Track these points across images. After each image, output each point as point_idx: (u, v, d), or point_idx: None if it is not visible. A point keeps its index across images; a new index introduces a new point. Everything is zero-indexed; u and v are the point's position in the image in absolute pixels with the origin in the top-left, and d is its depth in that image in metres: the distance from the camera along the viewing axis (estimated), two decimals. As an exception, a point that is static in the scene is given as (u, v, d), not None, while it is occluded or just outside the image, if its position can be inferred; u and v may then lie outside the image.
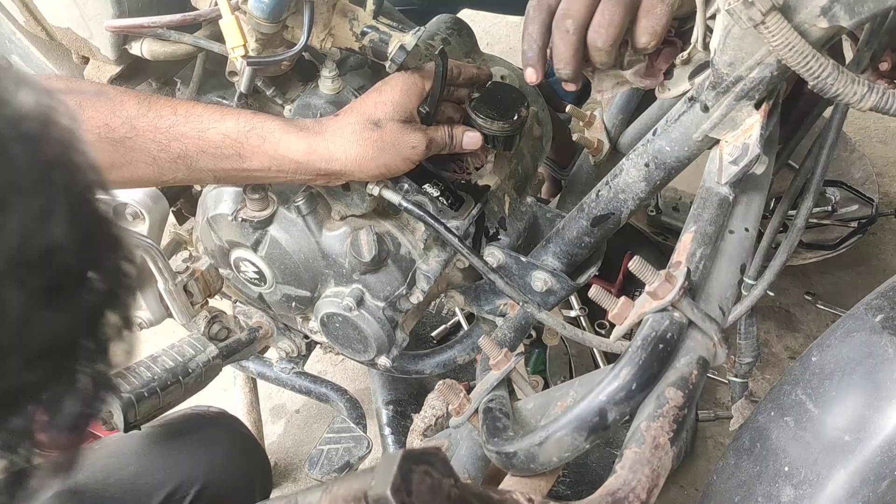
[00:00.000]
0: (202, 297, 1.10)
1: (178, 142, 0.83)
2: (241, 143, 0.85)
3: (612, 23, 0.80)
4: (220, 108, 0.86)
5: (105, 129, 0.80)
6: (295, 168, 0.87)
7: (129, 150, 0.82)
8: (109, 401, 0.97)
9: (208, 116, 0.84)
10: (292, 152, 0.86)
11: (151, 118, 0.82)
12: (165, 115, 0.83)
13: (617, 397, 0.66)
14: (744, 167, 0.76)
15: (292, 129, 0.86)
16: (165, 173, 0.85)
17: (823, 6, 0.67)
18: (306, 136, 0.86)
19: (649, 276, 0.68)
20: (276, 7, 0.84)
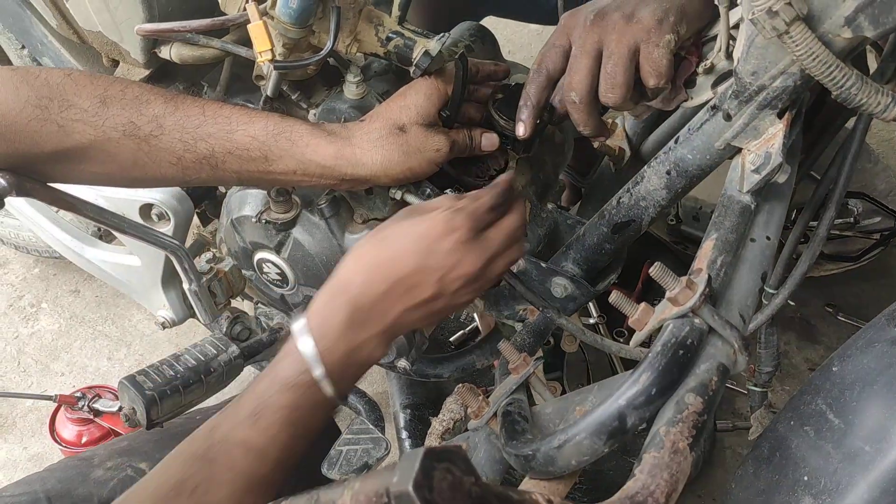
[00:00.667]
0: (225, 298, 1.11)
1: (204, 142, 0.84)
2: (269, 146, 0.85)
3: (615, 84, 0.84)
4: (248, 110, 0.87)
5: (130, 126, 0.81)
6: (321, 172, 0.87)
7: (154, 149, 0.82)
8: (133, 398, 0.99)
9: (236, 118, 0.85)
10: (319, 156, 0.86)
11: (178, 118, 0.83)
12: (193, 115, 0.84)
13: (637, 402, 0.66)
14: (766, 176, 0.76)
15: (320, 133, 0.87)
16: (189, 173, 0.85)
17: (848, 16, 0.67)
18: (334, 141, 0.87)
19: (670, 282, 0.68)
20: (303, 12, 0.85)
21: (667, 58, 0.82)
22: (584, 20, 0.85)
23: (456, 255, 0.75)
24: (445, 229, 0.75)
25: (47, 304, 2.01)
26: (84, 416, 1.52)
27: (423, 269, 0.75)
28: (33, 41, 1.15)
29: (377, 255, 0.76)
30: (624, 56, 0.83)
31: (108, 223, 0.94)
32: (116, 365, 1.87)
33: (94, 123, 0.80)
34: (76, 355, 1.91)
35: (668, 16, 0.82)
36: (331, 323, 0.74)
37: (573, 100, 0.87)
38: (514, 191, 0.83)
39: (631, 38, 0.82)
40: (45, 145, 0.79)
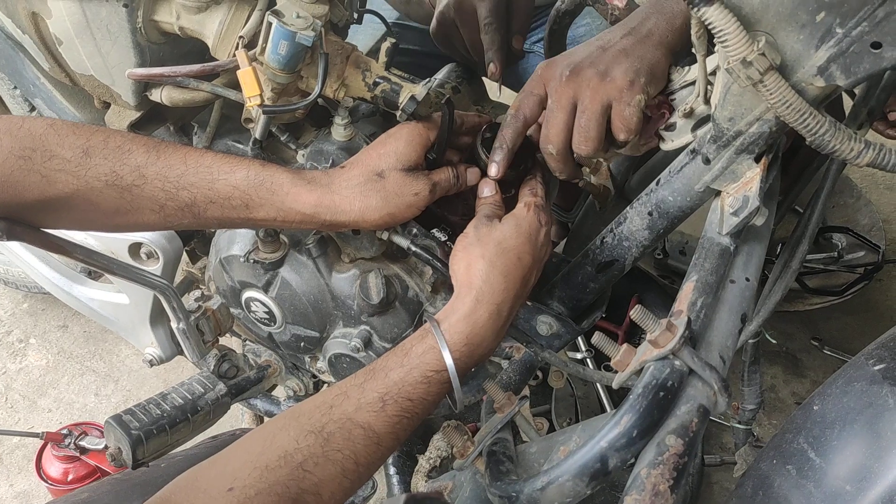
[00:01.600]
0: (213, 336, 1.11)
1: (186, 191, 0.85)
2: (250, 194, 0.86)
3: (588, 138, 0.89)
4: (230, 158, 0.88)
5: (113, 176, 0.82)
6: (301, 219, 0.89)
7: (137, 198, 0.84)
8: (119, 438, 0.99)
9: (218, 167, 0.86)
10: (300, 205, 0.88)
11: (160, 167, 0.84)
12: (175, 165, 0.85)
13: (618, 444, 0.67)
14: (744, 219, 0.78)
15: (300, 182, 0.88)
16: (172, 220, 0.87)
17: (820, 66, 0.69)
18: (313, 189, 0.88)
19: (651, 324, 0.70)
20: (292, 59, 0.87)
21: (637, 115, 0.87)
22: (560, 75, 0.89)
23: (547, 244, 0.91)
24: (538, 224, 0.89)
25: (35, 340, 2.01)
26: (71, 453, 1.51)
27: (535, 262, 0.88)
28: (26, 83, 1.17)
29: (507, 262, 0.85)
30: (597, 112, 0.87)
31: (97, 265, 0.95)
32: (104, 401, 1.86)
33: (77, 173, 0.81)
34: (63, 391, 1.90)
35: (638, 77, 0.86)
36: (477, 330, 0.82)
37: (550, 151, 0.92)
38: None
39: (604, 95, 0.87)
40: (29, 195, 0.80)
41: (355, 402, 0.77)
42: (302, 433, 0.75)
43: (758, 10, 0.70)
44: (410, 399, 0.79)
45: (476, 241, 0.86)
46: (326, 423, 0.76)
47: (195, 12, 0.92)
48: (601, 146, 0.90)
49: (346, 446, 0.75)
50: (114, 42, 0.94)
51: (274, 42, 0.86)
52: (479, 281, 0.83)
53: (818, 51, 0.69)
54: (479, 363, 0.86)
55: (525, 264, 0.86)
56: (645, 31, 0.89)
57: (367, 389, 0.78)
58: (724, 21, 0.68)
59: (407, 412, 0.79)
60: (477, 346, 0.83)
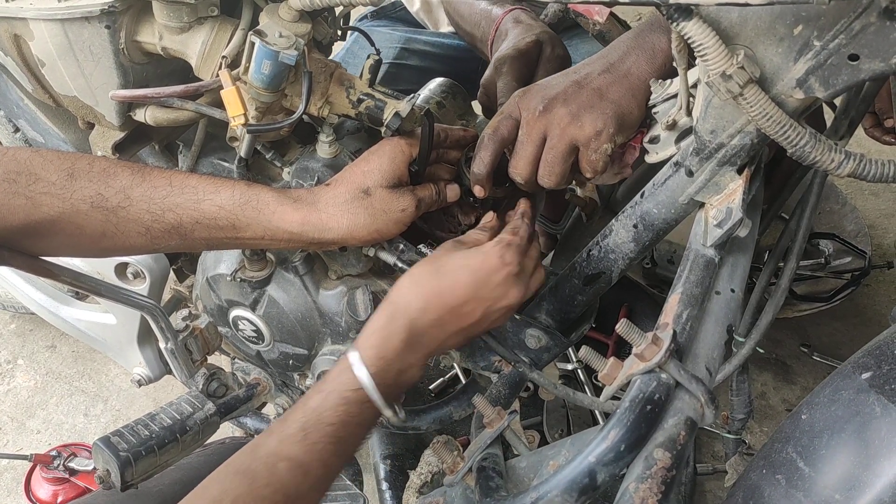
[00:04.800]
0: (201, 355, 1.11)
1: (172, 212, 0.85)
2: (236, 214, 0.87)
3: (553, 172, 0.92)
4: (215, 179, 0.88)
5: (98, 198, 0.82)
6: (289, 237, 0.89)
7: (122, 220, 0.84)
8: (108, 460, 0.98)
9: (203, 188, 0.86)
10: (286, 223, 0.88)
11: (145, 189, 0.84)
12: (160, 186, 0.85)
13: (606, 458, 0.67)
14: (728, 230, 0.79)
15: (286, 201, 0.88)
16: (158, 242, 0.86)
17: (799, 78, 0.70)
18: (299, 208, 0.88)
19: (636, 338, 0.70)
20: (275, 78, 0.87)
21: (602, 160, 0.90)
22: (535, 108, 0.91)
23: (505, 287, 0.83)
24: (499, 264, 0.83)
25: (23, 361, 1.99)
26: (60, 475, 1.50)
27: (476, 298, 0.82)
28: (9, 104, 1.16)
29: (436, 284, 0.82)
30: (563, 151, 0.90)
31: (84, 287, 0.95)
32: (93, 421, 1.85)
33: (63, 196, 0.81)
34: (52, 412, 1.88)
35: (607, 127, 0.89)
36: (390, 344, 0.80)
37: (518, 181, 0.95)
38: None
39: (571, 137, 0.89)
40: (14, 218, 0.79)
41: (277, 436, 0.76)
42: (228, 476, 0.74)
43: (736, 24, 0.70)
44: (331, 423, 0.77)
45: (429, 260, 0.85)
46: (251, 462, 0.74)
47: (178, 32, 0.92)
48: (565, 181, 0.93)
49: (272, 481, 0.73)
50: (96, 63, 0.94)
51: (257, 61, 0.86)
52: (395, 296, 0.83)
53: (797, 63, 0.69)
54: (406, 382, 0.83)
55: (459, 295, 0.82)
56: (624, 69, 0.91)
57: (289, 421, 0.77)
58: (703, 35, 0.68)
59: (330, 437, 0.76)
60: (392, 360, 0.80)
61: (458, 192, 0.99)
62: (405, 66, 1.59)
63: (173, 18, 0.90)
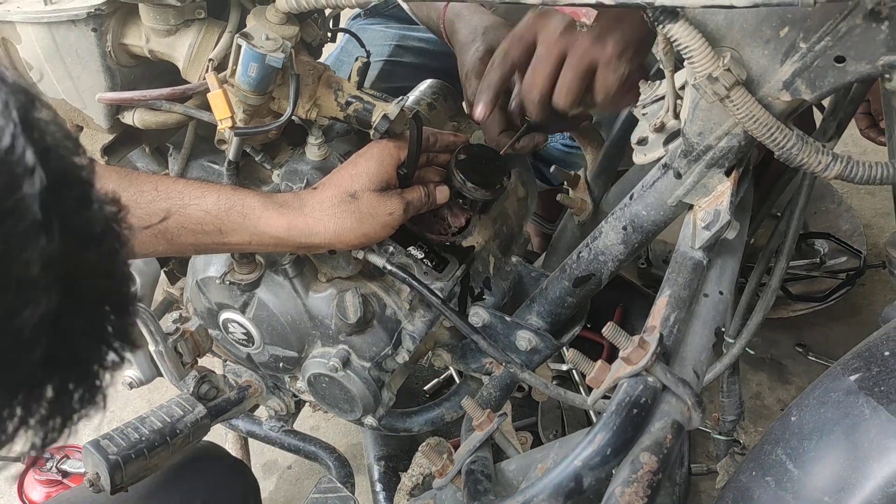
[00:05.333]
0: (192, 358, 1.11)
1: (158, 217, 0.85)
2: (222, 219, 0.87)
3: (569, 91, 0.93)
4: (201, 184, 0.88)
5: None
6: (275, 243, 0.89)
7: None
8: (97, 463, 0.98)
9: (189, 193, 0.86)
10: (272, 228, 0.88)
11: (132, 194, 0.84)
12: (146, 191, 0.85)
13: (592, 462, 0.67)
14: (716, 233, 0.78)
15: (272, 206, 0.88)
16: (145, 247, 0.86)
17: (786, 80, 0.70)
18: (285, 213, 0.88)
19: (623, 341, 0.70)
20: (262, 81, 0.87)
21: (618, 83, 0.92)
22: (555, 28, 0.93)
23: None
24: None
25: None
26: (53, 477, 1.50)
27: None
28: None
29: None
30: (582, 70, 0.92)
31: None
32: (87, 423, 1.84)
33: None
34: (46, 414, 1.88)
35: (628, 48, 0.90)
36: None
37: (533, 99, 0.96)
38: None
39: (593, 56, 0.91)
40: None
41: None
42: None
43: (722, 26, 0.70)
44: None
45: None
46: None
47: (165, 35, 0.92)
48: (577, 103, 0.94)
49: None
50: (84, 66, 0.93)
51: (244, 64, 0.86)
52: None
53: (783, 65, 0.69)
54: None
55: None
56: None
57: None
58: (689, 37, 0.68)
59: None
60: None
61: (448, 195, 0.99)
62: (400, 63, 1.58)
63: (160, 21, 0.90)
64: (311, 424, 1.89)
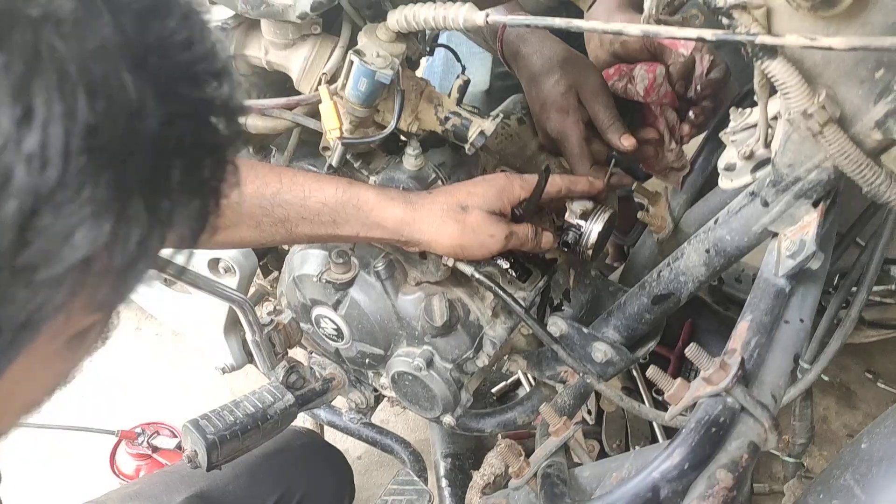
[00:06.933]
0: (283, 348, 1.18)
1: (281, 208, 0.91)
2: (338, 211, 0.93)
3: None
4: (319, 176, 0.94)
5: None
6: (382, 234, 0.95)
7: (236, 214, 0.90)
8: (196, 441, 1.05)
9: (309, 185, 0.92)
10: (384, 220, 0.94)
11: (258, 185, 0.91)
12: (271, 183, 0.91)
13: (669, 475, 0.70)
14: (800, 262, 0.81)
15: (385, 198, 0.94)
16: (266, 236, 0.93)
17: (878, 120, 0.72)
18: (398, 205, 0.94)
19: (705, 362, 0.73)
20: (371, 95, 0.93)
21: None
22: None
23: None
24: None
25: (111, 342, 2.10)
26: (143, 451, 1.59)
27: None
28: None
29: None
30: None
31: (186, 280, 1.02)
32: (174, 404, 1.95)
33: None
34: (137, 393, 1.99)
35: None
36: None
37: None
38: None
39: None
40: None
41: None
42: None
43: (819, 64, 0.73)
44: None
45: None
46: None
47: (282, 48, 0.98)
48: None
49: None
50: (207, 74, 1.01)
51: (354, 79, 0.92)
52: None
53: (876, 105, 0.71)
54: None
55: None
56: None
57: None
58: (786, 74, 0.71)
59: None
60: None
61: (552, 243, 1.01)
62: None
63: (279, 35, 0.97)
64: (381, 418, 1.95)
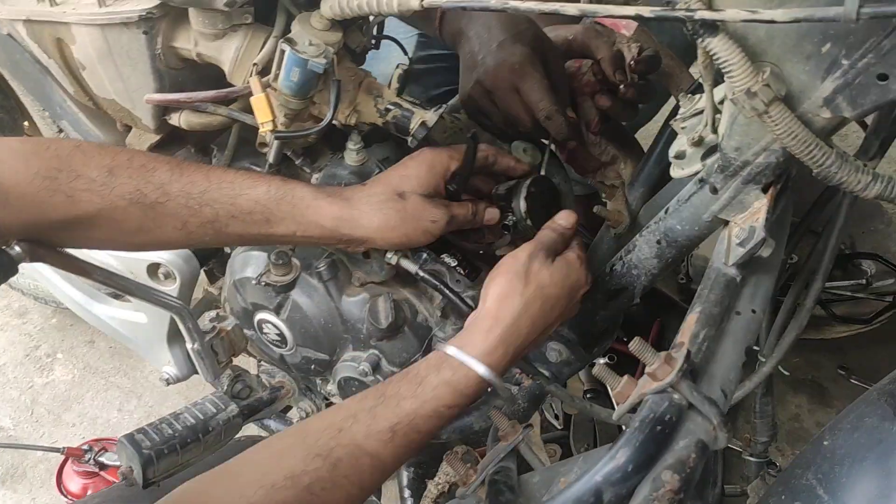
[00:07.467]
0: (227, 357, 1.13)
1: (209, 207, 0.86)
2: (271, 209, 0.88)
3: None
4: (251, 174, 0.90)
5: (137, 194, 0.84)
6: (320, 233, 0.90)
7: (160, 215, 0.85)
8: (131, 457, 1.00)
9: (240, 183, 0.88)
10: (320, 217, 0.89)
11: (183, 184, 0.86)
12: (198, 181, 0.86)
13: (613, 478, 0.66)
14: (750, 250, 0.77)
15: (321, 195, 0.90)
16: (194, 237, 0.88)
17: (826, 97, 0.68)
18: (335, 202, 0.90)
19: (649, 357, 0.69)
20: (304, 86, 0.89)
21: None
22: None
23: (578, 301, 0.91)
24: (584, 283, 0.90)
25: (62, 355, 2.05)
26: (90, 469, 1.53)
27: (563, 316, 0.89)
28: (53, 105, 1.20)
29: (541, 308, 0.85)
30: None
31: (116, 286, 0.97)
32: (126, 416, 1.89)
33: (102, 193, 0.83)
34: (88, 406, 1.93)
35: None
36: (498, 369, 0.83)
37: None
38: None
39: None
40: (54, 214, 0.81)
41: (365, 428, 0.77)
42: (310, 455, 0.75)
43: (763, 40, 0.69)
44: (419, 432, 0.79)
45: (523, 272, 0.85)
46: (334, 448, 0.76)
47: (212, 39, 0.94)
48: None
49: (354, 473, 0.76)
50: (134, 68, 0.96)
51: (286, 69, 0.88)
52: (508, 319, 0.83)
53: (824, 82, 0.68)
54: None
55: (554, 315, 0.86)
56: None
57: (378, 416, 0.78)
58: (728, 52, 0.67)
59: (414, 443, 0.79)
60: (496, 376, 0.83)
61: (496, 218, 0.98)
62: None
63: (208, 25, 0.92)
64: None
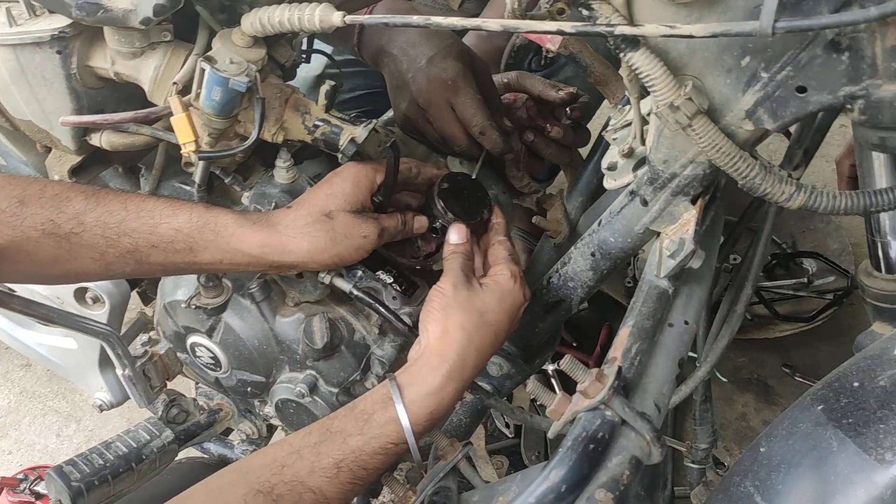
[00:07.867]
0: (161, 381, 1.09)
1: (127, 237, 0.83)
2: (194, 237, 0.85)
3: None
4: (173, 202, 0.87)
5: (50, 224, 0.81)
6: (248, 261, 0.88)
7: (76, 246, 0.82)
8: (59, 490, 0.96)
9: (160, 211, 0.85)
10: (245, 245, 0.86)
11: (100, 213, 0.83)
12: (115, 211, 0.83)
13: (547, 499, 0.65)
14: (680, 261, 0.77)
15: (245, 223, 0.87)
16: (113, 268, 0.85)
17: (748, 110, 0.69)
18: (259, 230, 0.87)
19: (580, 374, 0.68)
20: (227, 105, 0.86)
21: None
22: None
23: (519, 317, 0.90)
24: (524, 299, 0.88)
25: (-1, 382, 1.98)
26: (26, 499, 1.48)
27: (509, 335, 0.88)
28: (-29, 126, 1.15)
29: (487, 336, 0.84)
30: None
31: (36, 315, 0.94)
32: (65, 442, 1.83)
33: (12, 224, 0.79)
34: (25, 432, 1.87)
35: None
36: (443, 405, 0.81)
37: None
38: None
39: None
40: None
41: (309, 464, 0.76)
42: (251, 492, 0.73)
43: (684, 54, 0.69)
44: (365, 468, 0.78)
45: (456, 304, 0.83)
46: (277, 484, 0.74)
47: (130, 58, 0.91)
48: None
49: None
50: (49, 88, 0.93)
51: (207, 88, 0.85)
52: (453, 354, 0.81)
53: (745, 95, 0.68)
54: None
55: (500, 340, 0.86)
56: None
57: (322, 453, 0.77)
58: (650, 66, 0.67)
59: (360, 480, 0.78)
60: (439, 419, 0.82)
61: (426, 225, 0.97)
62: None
63: (124, 44, 0.89)
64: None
